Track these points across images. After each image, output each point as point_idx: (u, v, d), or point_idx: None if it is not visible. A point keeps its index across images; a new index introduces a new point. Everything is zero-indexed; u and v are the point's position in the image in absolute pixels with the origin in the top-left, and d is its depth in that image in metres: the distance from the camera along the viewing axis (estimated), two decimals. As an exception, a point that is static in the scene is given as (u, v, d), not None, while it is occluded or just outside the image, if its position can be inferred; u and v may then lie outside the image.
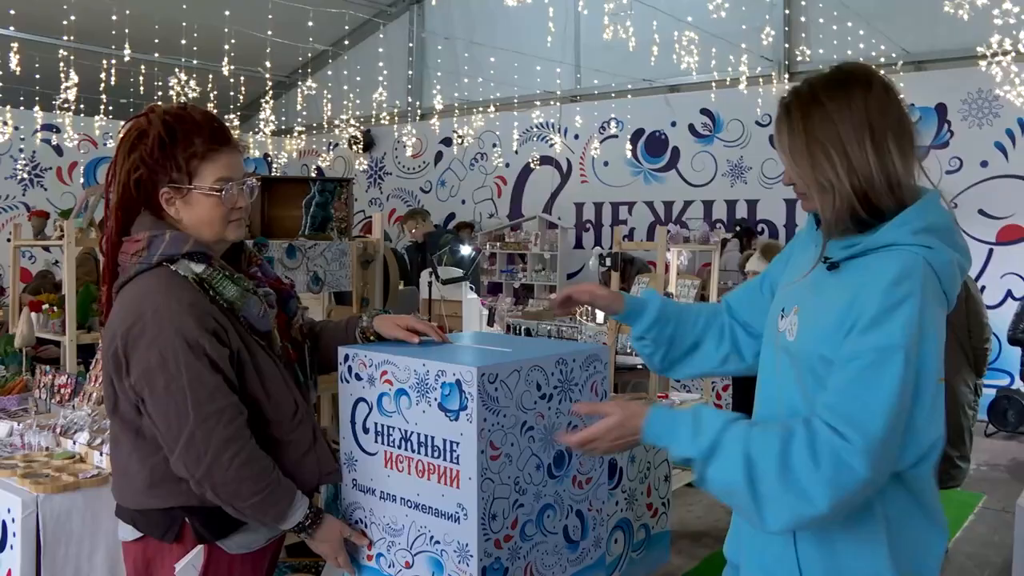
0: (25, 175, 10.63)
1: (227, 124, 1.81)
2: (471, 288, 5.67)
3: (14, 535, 2.30)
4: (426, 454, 1.68)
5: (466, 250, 6.11)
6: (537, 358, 1.72)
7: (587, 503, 1.86)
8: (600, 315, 5.34)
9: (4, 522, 2.34)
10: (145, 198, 1.73)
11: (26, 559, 2.28)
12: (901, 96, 1.47)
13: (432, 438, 1.66)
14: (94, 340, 3.60)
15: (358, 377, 1.79)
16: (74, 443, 2.69)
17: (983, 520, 4.88)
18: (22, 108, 10.41)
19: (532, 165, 10.80)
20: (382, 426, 1.75)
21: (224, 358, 1.65)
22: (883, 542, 1.39)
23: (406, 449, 1.71)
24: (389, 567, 1.77)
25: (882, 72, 1.50)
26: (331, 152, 13.05)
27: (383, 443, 1.76)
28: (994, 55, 7.21)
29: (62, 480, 2.39)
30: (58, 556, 2.32)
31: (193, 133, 1.71)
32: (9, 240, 4.68)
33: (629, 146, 9.96)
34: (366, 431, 1.79)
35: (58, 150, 10.87)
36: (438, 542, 1.68)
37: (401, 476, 1.73)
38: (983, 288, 7.50)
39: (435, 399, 1.65)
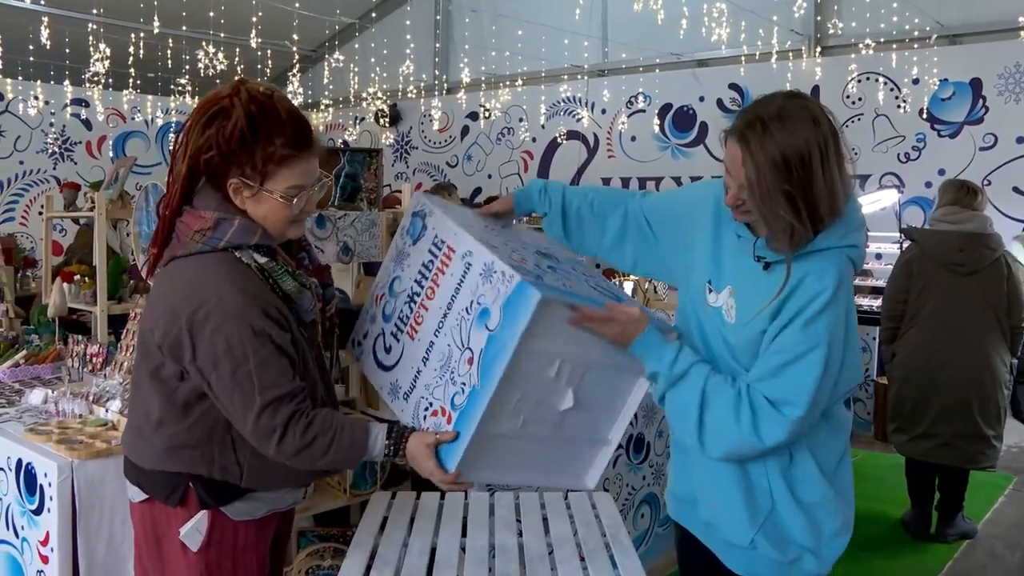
0: (56, 149, 10.71)
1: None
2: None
3: (51, 499, 2.34)
4: (426, 277, 1.83)
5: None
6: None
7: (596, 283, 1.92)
8: (628, 286, 5.33)
9: (42, 486, 2.38)
10: (211, 176, 1.71)
11: (63, 522, 2.32)
12: (836, 122, 1.61)
13: (422, 263, 1.85)
14: (124, 311, 3.64)
15: (371, 321, 1.98)
16: (106, 411, 2.73)
17: (1013, 502, 4.82)
18: (52, 83, 10.47)
19: (559, 140, 10.72)
20: (393, 319, 1.89)
21: (287, 343, 1.68)
22: (805, 448, 1.71)
23: (414, 300, 1.84)
24: (457, 398, 1.72)
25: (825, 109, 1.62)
26: (358, 126, 13.03)
27: (402, 329, 1.87)
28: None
29: (96, 446, 2.42)
30: (92, 521, 2.36)
31: (275, 133, 1.66)
32: (41, 213, 4.73)
33: (657, 121, 9.85)
34: (388, 349, 1.90)
35: (87, 124, 10.93)
36: (472, 304, 1.70)
37: (424, 323, 1.80)
38: (1017, 267, 7.36)
39: (408, 243, 1.90)
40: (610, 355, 1.79)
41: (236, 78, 1.76)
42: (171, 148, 1.77)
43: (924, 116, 8.10)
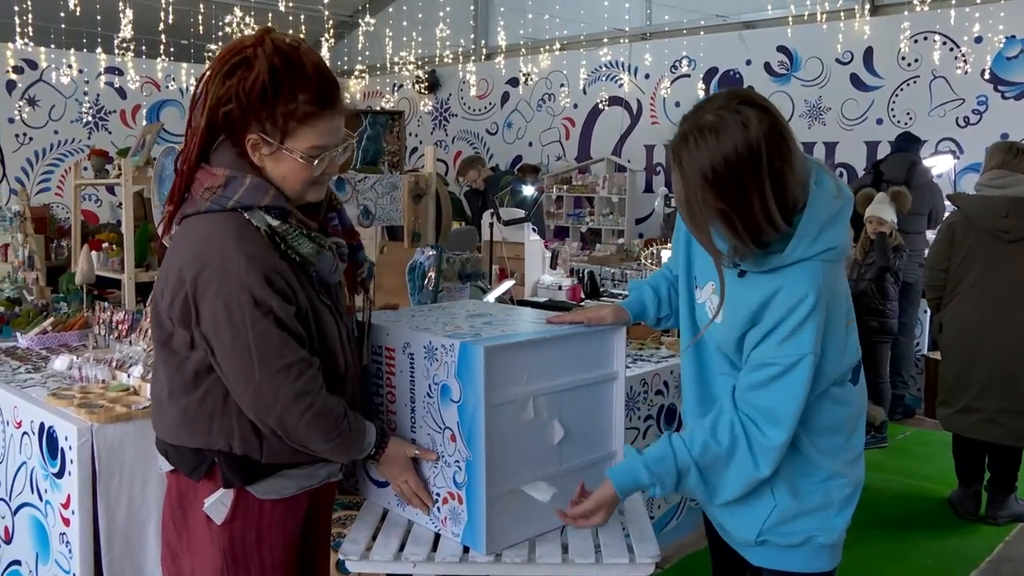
0: (90, 118, 10.75)
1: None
2: (534, 229, 5.55)
3: (71, 462, 2.35)
4: (381, 386, 1.88)
5: (528, 191, 5.98)
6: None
7: None
8: (665, 253, 5.20)
9: (63, 449, 2.39)
10: (230, 131, 1.63)
11: (83, 485, 2.33)
12: (778, 111, 1.51)
13: (371, 376, 1.90)
14: (151, 279, 3.64)
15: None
16: (128, 376, 2.73)
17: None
18: (85, 51, 10.45)
19: (601, 106, 10.53)
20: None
21: (291, 316, 1.60)
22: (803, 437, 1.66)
23: (380, 411, 1.89)
24: (457, 476, 1.75)
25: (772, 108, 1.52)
26: (395, 93, 12.96)
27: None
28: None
29: (116, 410, 2.43)
30: (112, 484, 2.37)
31: (299, 88, 1.57)
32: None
33: (702, 86, 9.59)
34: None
35: (121, 93, 10.94)
36: (430, 386, 1.76)
37: (398, 427, 1.85)
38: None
39: None
40: (575, 371, 1.82)
41: (262, 27, 1.67)
42: (191, 98, 1.69)
43: (986, 77, 7.74)
